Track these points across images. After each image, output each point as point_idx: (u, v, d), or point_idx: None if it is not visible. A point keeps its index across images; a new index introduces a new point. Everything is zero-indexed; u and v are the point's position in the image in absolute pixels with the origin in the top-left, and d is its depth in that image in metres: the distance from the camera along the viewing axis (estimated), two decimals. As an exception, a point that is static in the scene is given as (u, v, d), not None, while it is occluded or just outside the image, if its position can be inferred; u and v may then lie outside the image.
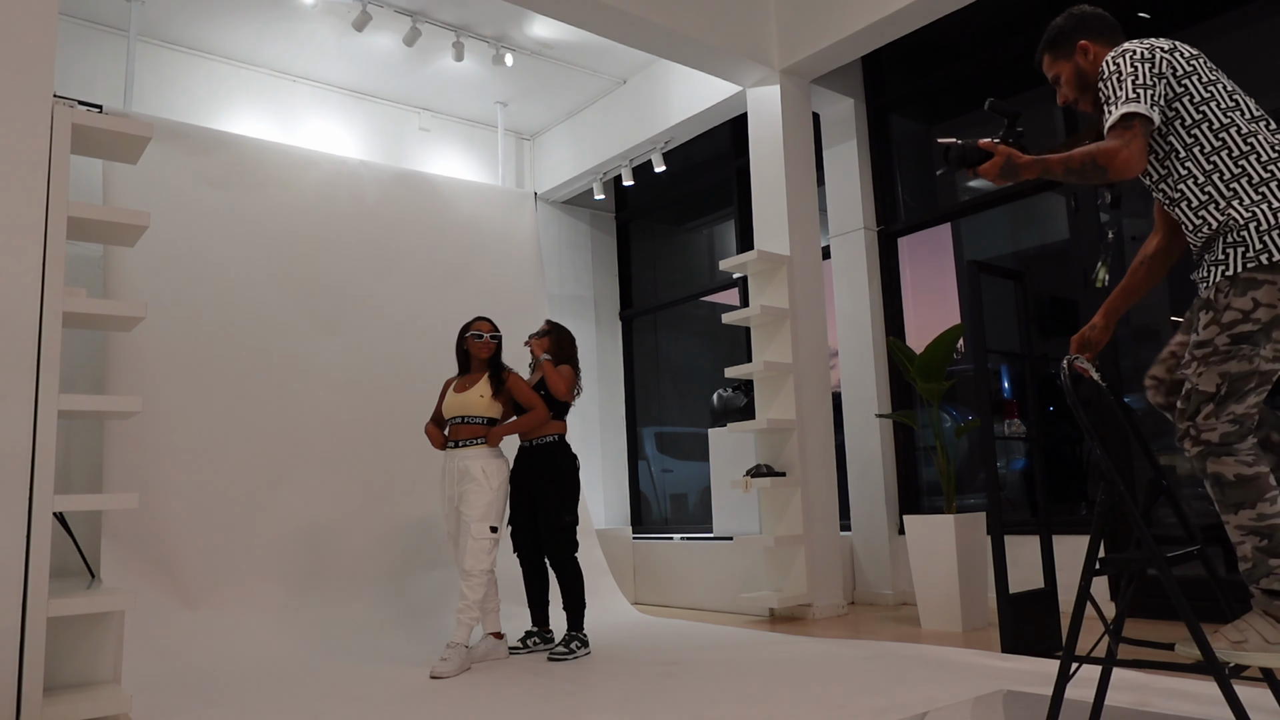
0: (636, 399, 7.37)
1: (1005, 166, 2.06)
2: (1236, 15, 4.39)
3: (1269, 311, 1.92)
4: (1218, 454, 1.95)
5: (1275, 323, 1.93)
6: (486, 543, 3.81)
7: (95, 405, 3.06)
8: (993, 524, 3.71)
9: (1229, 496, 1.94)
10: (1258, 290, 1.92)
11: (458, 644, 3.75)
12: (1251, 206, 1.96)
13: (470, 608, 3.79)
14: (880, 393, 5.55)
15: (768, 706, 2.85)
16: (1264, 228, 1.94)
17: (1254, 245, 1.94)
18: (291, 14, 5.31)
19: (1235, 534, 1.95)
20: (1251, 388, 1.95)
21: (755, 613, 5.14)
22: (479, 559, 3.78)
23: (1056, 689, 2.12)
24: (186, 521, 4.44)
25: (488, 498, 3.84)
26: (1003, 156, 2.06)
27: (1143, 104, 1.99)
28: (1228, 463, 1.93)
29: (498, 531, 3.87)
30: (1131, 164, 1.97)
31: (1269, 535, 1.91)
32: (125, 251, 4.54)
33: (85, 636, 3.00)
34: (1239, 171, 2.01)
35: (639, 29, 4.93)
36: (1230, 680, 1.89)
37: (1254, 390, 1.95)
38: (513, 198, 6.36)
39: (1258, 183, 1.98)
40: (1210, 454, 1.96)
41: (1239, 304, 1.93)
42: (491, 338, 4.06)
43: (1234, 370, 1.94)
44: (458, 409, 3.99)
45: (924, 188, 5.87)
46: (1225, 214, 1.99)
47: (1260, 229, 1.94)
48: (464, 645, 3.77)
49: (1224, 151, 2.03)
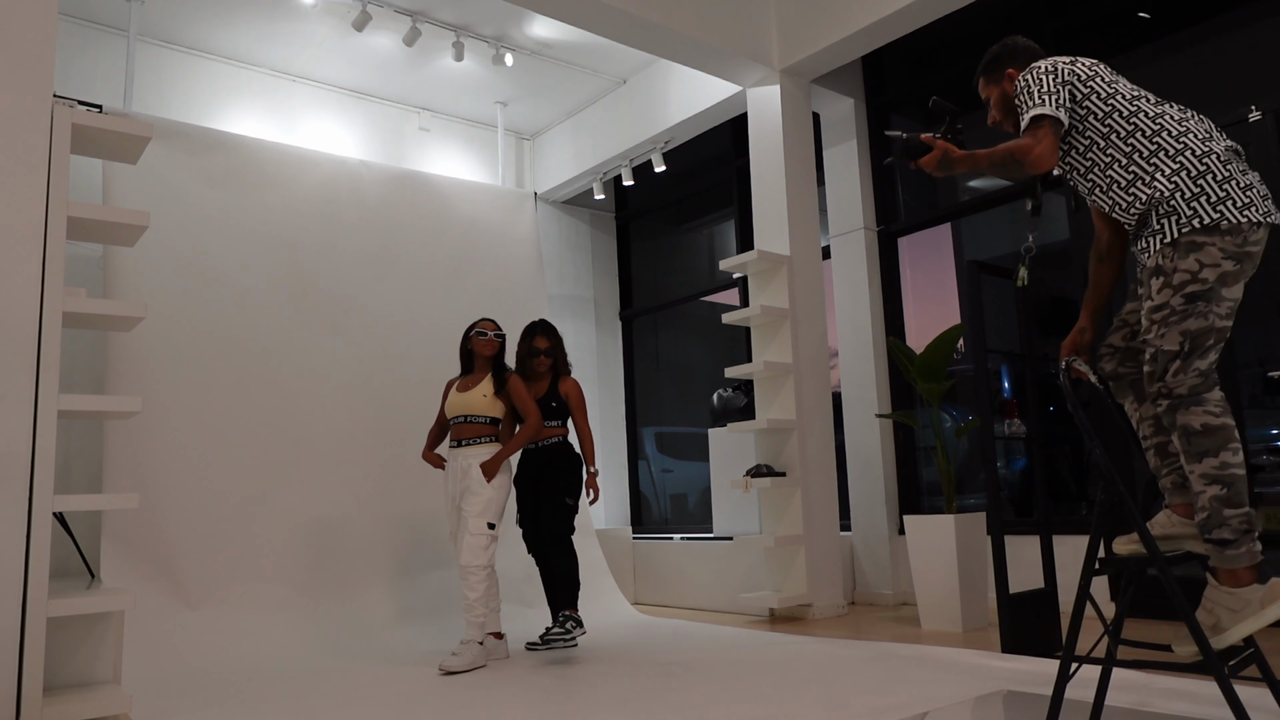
0: (636, 399, 7.37)
1: (942, 160, 2.27)
2: (1236, 15, 4.39)
3: (1214, 271, 2.06)
4: (1187, 405, 2.07)
5: (1221, 281, 2.07)
6: (483, 538, 3.82)
7: (95, 405, 3.06)
8: (993, 524, 3.71)
9: (1194, 445, 2.05)
10: (1199, 252, 2.07)
11: (470, 640, 3.78)
12: (1173, 177, 2.12)
13: (473, 605, 3.79)
14: (880, 393, 5.55)
15: (768, 706, 2.85)
16: (1187, 195, 2.10)
17: (1184, 212, 2.10)
18: (291, 14, 5.31)
19: (1198, 483, 2.05)
20: (1211, 344, 2.08)
21: (755, 613, 5.14)
22: (475, 554, 3.79)
23: (1056, 689, 2.12)
24: (186, 521, 4.44)
25: (488, 494, 3.85)
26: (940, 151, 2.27)
27: (1049, 107, 2.20)
28: (1196, 413, 2.05)
29: (495, 529, 3.87)
30: (1044, 158, 2.16)
31: (1229, 485, 2.01)
32: (125, 251, 4.54)
33: (85, 636, 3.00)
34: (1155, 147, 2.17)
35: (639, 29, 4.93)
36: (1230, 680, 1.89)
37: (1214, 347, 2.08)
38: (513, 198, 6.36)
39: (1174, 153, 2.14)
40: (1180, 406, 2.07)
41: (1185, 266, 2.08)
42: (495, 336, 4.07)
43: (1193, 327, 2.07)
44: (461, 408, 4.00)
45: (924, 188, 5.88)
46: (1151, 187, 2.15)
47: (1185, 197, 2.10)
48: (477, 642, 3.79)
49: (1137, 133, 2.20)
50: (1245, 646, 2.06)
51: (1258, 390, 4.22)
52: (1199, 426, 2.04)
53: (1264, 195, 2.11)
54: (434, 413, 4.68)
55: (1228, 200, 2.07)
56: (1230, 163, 2.12)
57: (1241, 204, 2.07)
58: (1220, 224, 2.05)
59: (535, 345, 4.23)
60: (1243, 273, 2.10)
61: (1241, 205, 2.06)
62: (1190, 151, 2.13)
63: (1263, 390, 4.21)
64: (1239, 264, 2.07)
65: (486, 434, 3.97)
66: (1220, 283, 2.07)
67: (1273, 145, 4.09)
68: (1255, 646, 2.06)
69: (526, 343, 4.26)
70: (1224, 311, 2.09)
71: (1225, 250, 2.06)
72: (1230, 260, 2.06)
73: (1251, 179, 2.12)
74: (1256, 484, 4.05)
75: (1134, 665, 2.17)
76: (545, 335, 4.26)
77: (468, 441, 3.96)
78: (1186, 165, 2.12)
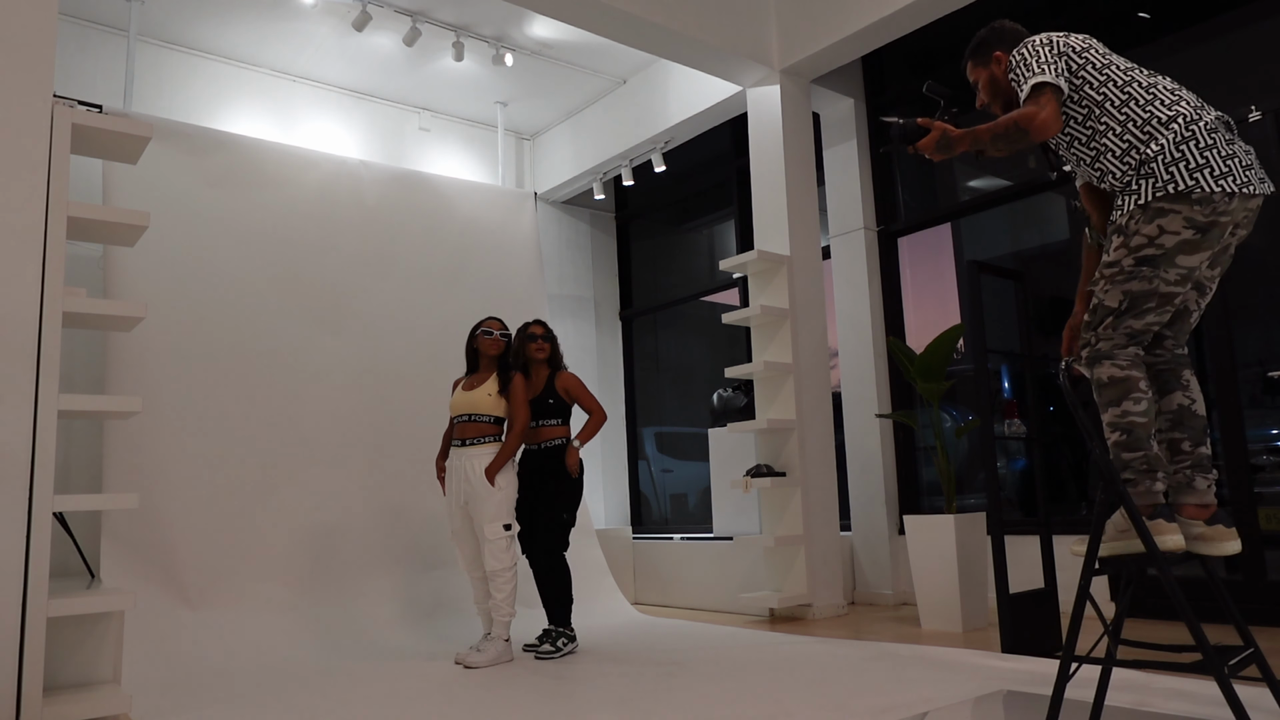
0: (636, 399, 7.37)
1: (941, 141, 2.28)
2: (1236, 15, 4.39)
3: (1173, 238, 2.10)
4: (1100, 359, 2.18)
5: (1178, 249, 2.11)
6: (503, 541, 3.87)
7: (95, 405, 3.06)
8: (993, 524, 3.70)
9: (1104, 396, 2.17)
10: (1163, 218, 2.11)
11: (497, 638, 3.84)
12: (1160, 140, 2.15)
13: (500, 605, 3.87)
14: (880, 393, 5.55)
15: (768, 706, 2.85)
16: (1167, 159, 2.12)
17: (1161, 176, 2.12)
18: (291, 14, 5.31)
19: (1106, 431, 2.18)
20: (1151, 307, 2.16)
21: (755, 613, 5.13)
22: (499, 558, 3.85)
23: (1056, 689, 2.12)
24: (186, 521, 4.44)
25: (497, 498, 3.87)
26: (939, 132, 2.27)
27: (1049, 75, 2.21)
28: (1105, 366, 2.17)
29: (511, 528, 3.92)
30: (1049, 124, 2.17)
31: (1128, 431, 2.13)
32: (125, 251, 4.54)
33: (85, 636, 3.00)
34: (1149, 115, 2.19)
35: (639, 29, 4.93)
36: (1230, 680, 1.90)
37: (1153, 310, 2.16)
38: (513, 198, 6.36)
39: (1165, 120, 2.17)
40: (1095, 360, 2.19)
41: (1146, 230, 2.13)
42: (501, 335, 4.09)
43: (1135, 289, 2.15)
44: (465, 407, 4.01)
45: (924, 188, 5.88)
46: (1143, 152, 2.18)
47: (1165, 161, 2.12)
48: (504, 639, 3.86)
49: (1131, 102, 2.22)
50: (1245, 646, 2.06)
51: (1258, 390, 4.22)
52: (1106, 379, 2.16)
53: (1246, 165, 2.12)
54: (434, 412, 4.68)
55: (1205, 168, 2.09)
56: (1216, 131, 2.14)
57: (1219, 173, 2.08)
58: (1193, 192, 2.08)
59: (532, 330, 4.25)
60: (1205, 243, 2.11)
61: (1218, 175, 2.08)
62: (1181, 119, 2.15)
63: (1263, 390, 4.21)
64: (1202, 234, 2.10)
65: (490, 433, 3.98)
66: (1177, 250, 2.11)
67: (1273, 145, 4.09)
68: (1255, 646, 2.07)
69: (522, 333, 4.28)
70: (1173, 278, 2.13)
71: (1191, 220, 2.09)
72: (1192, 229, 2.09)
73: (1235, 149, 2.13)
74: (1257, 484, 4.05)
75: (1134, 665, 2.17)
76: (540, 324, 4.30)
77: (471, 441, 3.97)
78: (1176, 131, 2.14)
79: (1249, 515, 3.98)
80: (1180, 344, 2.31)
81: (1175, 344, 2.30)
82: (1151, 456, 2.12)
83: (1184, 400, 2.25)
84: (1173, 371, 2.27)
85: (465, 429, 4.00)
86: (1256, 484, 4.05)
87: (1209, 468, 2.23)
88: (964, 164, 5.77)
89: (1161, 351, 2.29)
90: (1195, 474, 2.21)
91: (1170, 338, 2.29)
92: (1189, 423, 2.24)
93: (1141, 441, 2.12)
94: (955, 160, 5.84)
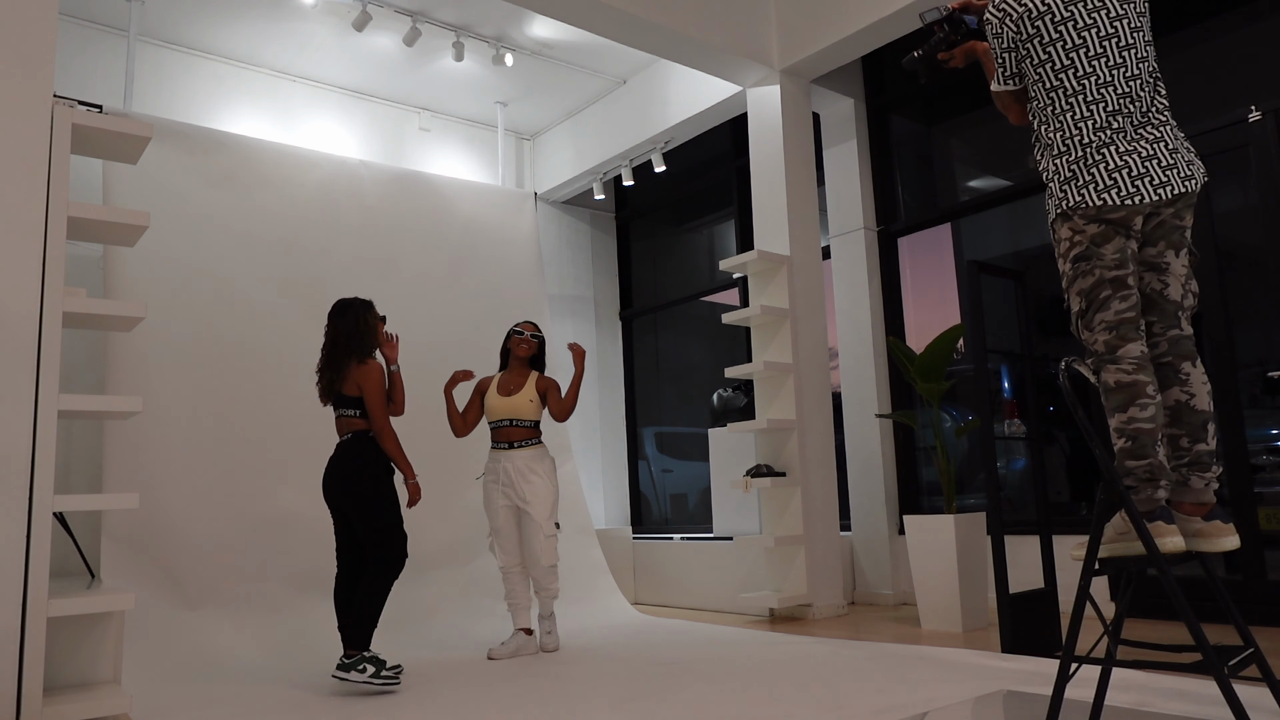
0: (636, 399, 7.37)
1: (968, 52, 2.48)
2: (1236, 15, 4.40)
3: (1083, 236, 2.20)
4: (1105, 363, 2.18)
5: (1094, 241, 2.19)
6: (555, 538, 4.10)
7: (95, 405, 3.06)
8: (993, 524, 3.71)
9: (1110, 401, 2.17)
10: (1070, 222, 2.23)
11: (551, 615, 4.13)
12: (1056, 159, 2.25)
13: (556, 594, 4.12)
14: (880, 393, 5.55)
15: (768, 706, 2.85)
16: (1062, 179, 2.23)
17: (1057, 194, 2.24)
18: (291, 14, 5.31)
19: (1113, 437, 2.18)
20: (1107, 295, 2.18)
21: (755, 613, 5.13)
22: (552, 553, 4.07)
23: (1056, 689, 2.12)
24: (186, 521, 4.44)
25: (552, 496, 4.08)
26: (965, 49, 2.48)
27: (997, 82, 2.39)
28: (1111, 370, 2.17)
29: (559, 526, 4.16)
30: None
31: (1133, 438, 2.12)
32: (125, 251, 4.54)
33: (85, 636, 3.00)
34: (1059, 125, 2.26)
35: (639, 29, 4.93)
36: (1230, 680, 1.89)
37: (1112, 297, 2.17)
38: (513, 198, 6.36)
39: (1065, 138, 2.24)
40: (1101, 363, 2.20)
41: (1063, 234, 2.25)
42: (533, 337, 4.23)
43: (1085, 286, 2.21)
44: (507, 411, 4.13)
45: (924, 188, 5.88)
46: (1046, 165, 2.29)
47: (1060, 179, 2.24)
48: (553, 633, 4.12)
49: (1050, 109, 2.29)
50: (1245, 646, 2.06)
51: (1258, 390, 4.22)
52: (1113, 384, 2.16)
53: (1135, 175, 2.14)
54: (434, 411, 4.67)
55: (1091, 184, 2.17)
56: (1108, 145, 2.18)
57: (1102, 187, 2.16)
58: (1078, 209, 2.19)
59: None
60: (1115, 232, 2.17)
61: (1102, 189, 2.16)
62: (1080, 134, 2.21)
63: (1263, 390, 4.21)
64: (1103, 226, 2.17)
65: (533, 436, 4.16)
66: (1093, 243, 2.18)
67: (1273, 145, 4.09)
68: (1255, 646, 2.06)
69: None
70: (1109, 263, 2.18)
71: (1087, 223, 2.19)
72: (1094, 224, 2.17)
73: (1129, 159, 2.15)
74: (1256, 484, 4.05)
75: (1134, 665, 2.17)
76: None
77: (519, 444, 4.11)
78: (1070, 147, 2.22)
79: (1249, 515, 3.98)
80: (1170, 327, 2.23)
81: (1165, 328, 2.24)
82: (1155, 465, 2.10)
83: (1181, 396, 2.21)
84: (1171, 365, 2.23)
85: (509, 433, 4.13)
86: (1256, 484, 4.05)
87: (1208, 464, 2.19)
88: (964, 164, 5.78)
89: (1157, 341, 2.25)
90: (1191, 472, 2.20)
91: (1157, 322, 2.24)
92: (1186, 419, 2.21)
93: (1147, 449, 2.11)
94: (955, 160, 5.84)
